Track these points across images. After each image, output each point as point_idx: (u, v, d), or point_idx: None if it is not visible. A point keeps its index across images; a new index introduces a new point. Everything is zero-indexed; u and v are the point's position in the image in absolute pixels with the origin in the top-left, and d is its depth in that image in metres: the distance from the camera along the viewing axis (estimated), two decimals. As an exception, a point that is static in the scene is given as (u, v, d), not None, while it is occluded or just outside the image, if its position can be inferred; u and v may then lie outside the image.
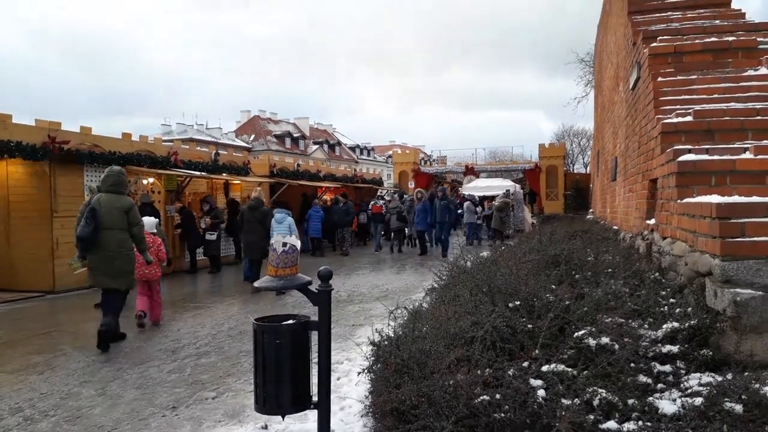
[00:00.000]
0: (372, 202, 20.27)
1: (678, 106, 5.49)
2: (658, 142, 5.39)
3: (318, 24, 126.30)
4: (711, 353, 3.07)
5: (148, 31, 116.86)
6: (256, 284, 3.63)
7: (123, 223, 6.35)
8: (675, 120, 5.22)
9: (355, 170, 25.16)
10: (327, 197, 20.50)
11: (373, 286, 10.41)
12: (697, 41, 6.14)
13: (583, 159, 56.90)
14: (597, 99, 18.78)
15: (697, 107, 5.18)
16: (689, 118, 5.12)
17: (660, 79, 5.85)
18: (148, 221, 7.46)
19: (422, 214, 15.77)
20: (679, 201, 4.34)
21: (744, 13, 6.96)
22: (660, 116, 5.49)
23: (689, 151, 4.53)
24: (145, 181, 13.41)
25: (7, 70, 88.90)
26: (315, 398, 3.52)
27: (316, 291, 3.49)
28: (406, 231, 18.20)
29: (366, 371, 3.52)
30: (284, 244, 3.62)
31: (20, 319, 8.12)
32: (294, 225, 10.20)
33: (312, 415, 3.65)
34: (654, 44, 6.26)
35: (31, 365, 5.61)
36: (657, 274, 4.75)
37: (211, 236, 13.08)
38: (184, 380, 5.04)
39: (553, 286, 4.28)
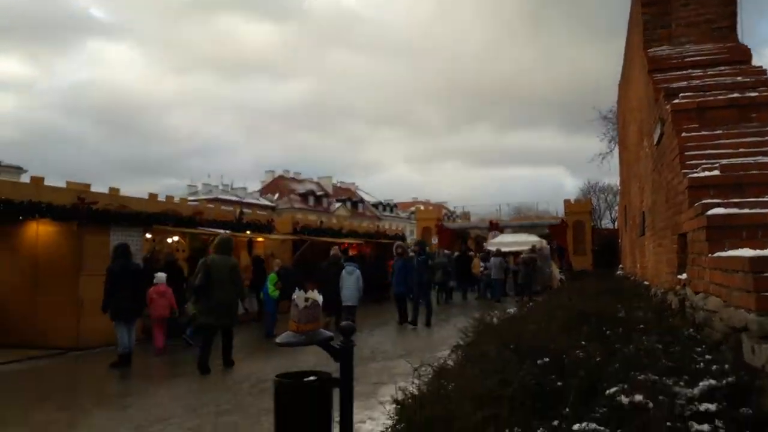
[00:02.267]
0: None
1: (704, 161, 5.44)
2: (685, 196, 5.32)
3: (337, 86, 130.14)
4: (751, 411, 2.91)
5: (174, 95, 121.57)
6: (277, 340, 3.60)
7: (230, 277, 8.19)
8: (702, 174, 5.17)
9: (377, 226, 25.27)
10: (352, 252, 20.52)
11: (396, 343, 10.25)
12: (720, 97, 6.15)
13: (610, 214, 56.36)
14: (621, 155, 18.78)
15: (724, 161, 5.13)
16: (716, 173, 5.06)
17: (684, 134, 5.84)
18: (160, 276, 9.94)
19: (401, 273, 13.01)
20: (710, 255, 4.23)
21: (765, 70, 6.98)
22: (686, 171, 5.44)
23: (718, 205, 4.46)
24: (170, 240, 13.63)
25: (41, 136, 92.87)
26: (337, 458, 3.42)
27: (338, 347, 3.44)
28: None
29: (389, 430, 3.40)
30: (306, 299, 3.60)
31: (45, 375, 8.14)
32: (361, 277, 11.87)
33: (334, 477, 3.52)
34: (676, 101, 6.28)
35: (51, 422, 5.58)
36: (691, 329, 4.59)
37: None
38: (205, 439, 4.95)
39: (584, 343, 4.15)
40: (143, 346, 9.68)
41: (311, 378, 3.46)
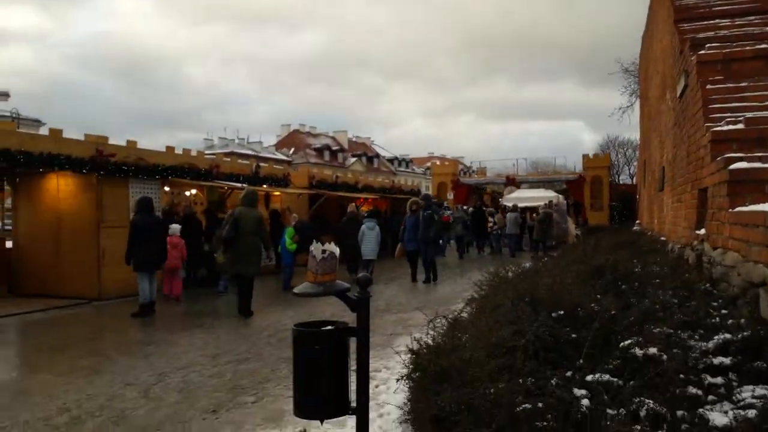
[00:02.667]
0: (441, 213, 21.49)
1: (728, 114, 5.31)
2: (707, 150, 5.22)
3: (353, 37, 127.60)
4: (766, 365, 2.93)
5: (189, 47, 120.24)
6: (295, 290, 3.65)
7: (256, 228, 8.78)
8: (725, 128, 5.05)
9: (393, 182, 25.20)
10: (364, 208, 20.57)
11: (411, 296, 10.36)
12: (747, 48, 5.94)
13: (629, 170, 55.60)
14: (643, 108, 18.38)
15: (749, 114, 5.00)
16: (741, 126, 4.94)
17: (709, 86, 5.68)
18: (174, 227, 10.26)
19: (413, 230, 12.52)
20: (730, 210, 4.18)
21: (795, 20, 6.71)
22: (709, 124, 5.32)
23: (741, 159, 4.38)
24: (187, 193, 13.73)
25: (56, 89, 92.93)
26: (353, 404, 3.51)
27: (355, 298, 3.49)
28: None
29: (405, 378, 3.48)
30: (323, 251, 3.63)
31: (68, 324, 8.37)
32: (380, 232, 12.77)
33: (350, 421, 3.62)
34: (702, 52, 6.09)
35: (77, 368, 5.77)
36: (708, 285, 4.58)
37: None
38: (225, 385, 5.10)
39: (598, 296, 4.17)
40: (164, 297, 9.88)
41: (329, 327, 3.53)
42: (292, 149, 63.45)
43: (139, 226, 8.88)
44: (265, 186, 15.24)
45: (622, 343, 3.11)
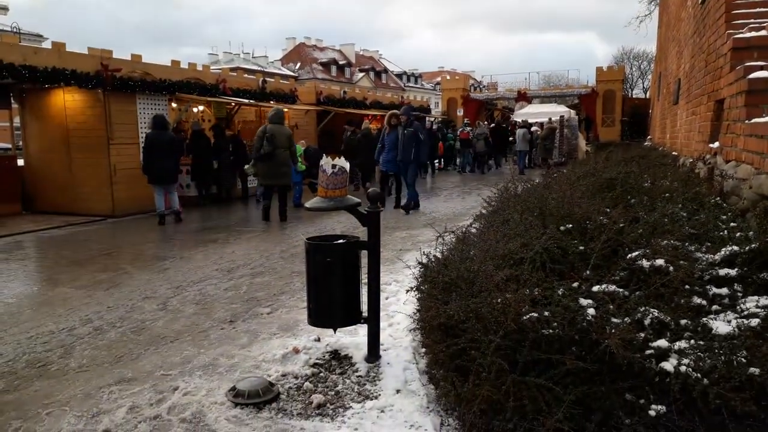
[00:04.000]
0: (459, 129, 22.46)
1: (751, 20, 5.08)
2: (727, 59, 5.04)
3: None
4: (771, 277, 2.97)
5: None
6: (307, 205, 3.69)
7: (287, 144, 9.67)
8: (747, 35, 4.84)
9: (402, 98, 24.77)
10: (373, 126, 20.33)
11: (420, 213, 10.44)
12: (777, -53, 5.59)
13: (643, 84, 54.24)
14: (661, 17, 17.63)
15: (774, 20, 4.79)
16: (763, 33, 4.74)
17: (734, -10, 5.40)
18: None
19: (392, 149, 10.62)
20: (747, 121, 4.10)
21: None
22: (731, 31, 5.11)
23: (761, 68, 4.23)
24: (195, 110, 13.59)
25: (56, 2, 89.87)
26: (365, 314, 3.63)
27: (366, 212, 3.53)
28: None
29: (414, 290, 3.57)
30: (333, 166, 3.63)
31: (85, 240, 8.56)
32: None
33: (362, 330, 3.77)
34: (728, -48, 5.74)
35: (97, 282, 5.96)
36: (718, 198, 4.57)
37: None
38: (240, 297, 5.27)
39: (607, 210, 4.18)
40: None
41: (340, 240, 3.59)
42: (298, 64, 62.01)
43: (154, 143, 9.39)
44: (272, 102, 15.04)
45: (629, 255, 3.15)
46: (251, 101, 14.10)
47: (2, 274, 6.47)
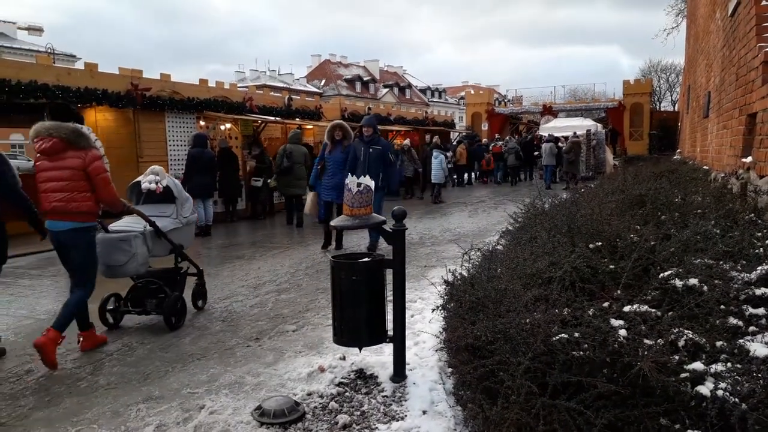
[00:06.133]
0: (492, 144, 24.00)
1: (784, 33, 4.98)
2: (759, 72, 4.94)
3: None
4: (811, 297, 2.86)
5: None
6: (332, 223, 3.70)
7: (303, 159, 11.22)
8: (780, 48, 4.75)
9: (426, 113, 24.80)
10: (398, 141, 20.38)
11: (445, 229, 10.40)
12: (809, -41, 5.48)
13: (671, 96, 53.46)
14: (690, 29, 17.41)
15: (807, 33, 4.69)
16: (797, 46, 4.64)
17: (764, 2, 5.30)
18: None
19: (337, 171, 8.07)
20: (781, 136, 3.99)
21: None
22: (762, 44, 5.01)
23: (795, 82, 4.14)
24: (222, 127, 13.78)
25: (84, 21, 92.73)
26: (390, 333, 3.60)
27: (391, 230, 3.52)
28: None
29: (440, 309, 3.54)
30: (359, 185, 3.64)
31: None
32: (444, 160, 15.94)
33: (387, 349, 3.74)
34: (758, -36, 5.65)
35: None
36: (752, 214, 4.45)
37: (256, 183, 12.64)
38: (266, 314, 5.28)
39: (638, 227, 4.10)
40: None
41: (365, 259, 3.58)
42: (323, 80, 62.68)
43: (196, 159, 10.29)
44: (297, 119, 15.19)
45: (661, 274, 3.08)
46: (277, 119, 14.26)
47: (35, 289, 6.61)
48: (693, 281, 2.91)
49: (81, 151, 4.19)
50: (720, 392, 2.18)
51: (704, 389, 2.22)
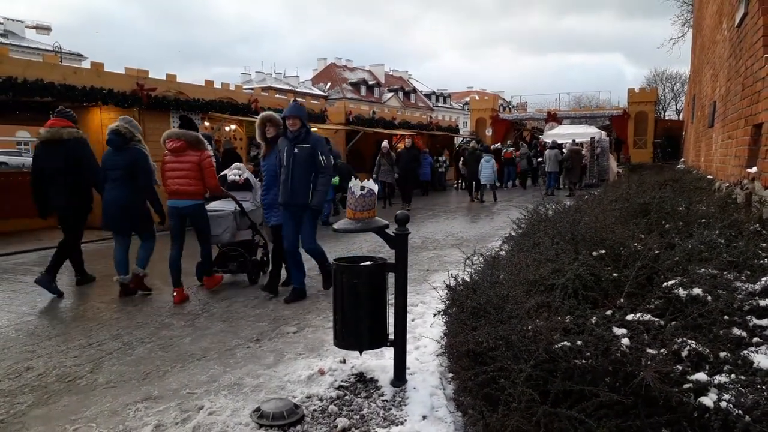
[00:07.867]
0: (504, 150, 24.19)
1: (791, 44, 4.97)
2: (765, 83, 4.92)
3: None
4: (816, 309, 2.84)
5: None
6: (335, 226, 3.69)
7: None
8: (787, 58, 4.74)
9: (430, 117, 24.83)
10: (400, 145, 20.38)
11: (447, 233, 10.38)
12: (817, -30, 5.47)
13: (676, 105, 53.43)
14: (695, 39, 17.40)
15: (814, 44, 4.67)
16: (804, 56, 4.63)
17: (772, 13, 5.29)
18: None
19: (274, 188, 6.05)
20: (787, 147, 3.98)
21: None
22: (769, 55, 5.00)
23: (802, 92, 4.12)
24: (227, 128, 13.83)
25: (92, 22, 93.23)
26: (391, 336, 3.59)
27: (393, 234, 3.50)
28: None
29: (441, 314, 3.52)
30: (362, 188, 3.63)
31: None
32: (495, 163, 16.99)
33: (388, 353, 3.72)
34: (766, -26, 5.64)
35: (127, 297, 6.03)
36: (757, 225, 4.43)
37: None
38: (267, 316, 5.27)
39: (642, 236, 4.08)
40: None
41: (367, 262, 3.57)
42: (329, 84, 62.81)
43: None
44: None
45: (665, 283, 3.06)
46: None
47: (37, 287, 6.60)
48: (697, 291, 2.89)
49: (198, 152, 6.00)
50: (723, 404, 2.16)
51: (707, 400, 2.20)
